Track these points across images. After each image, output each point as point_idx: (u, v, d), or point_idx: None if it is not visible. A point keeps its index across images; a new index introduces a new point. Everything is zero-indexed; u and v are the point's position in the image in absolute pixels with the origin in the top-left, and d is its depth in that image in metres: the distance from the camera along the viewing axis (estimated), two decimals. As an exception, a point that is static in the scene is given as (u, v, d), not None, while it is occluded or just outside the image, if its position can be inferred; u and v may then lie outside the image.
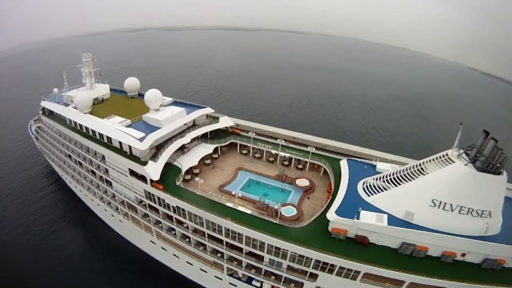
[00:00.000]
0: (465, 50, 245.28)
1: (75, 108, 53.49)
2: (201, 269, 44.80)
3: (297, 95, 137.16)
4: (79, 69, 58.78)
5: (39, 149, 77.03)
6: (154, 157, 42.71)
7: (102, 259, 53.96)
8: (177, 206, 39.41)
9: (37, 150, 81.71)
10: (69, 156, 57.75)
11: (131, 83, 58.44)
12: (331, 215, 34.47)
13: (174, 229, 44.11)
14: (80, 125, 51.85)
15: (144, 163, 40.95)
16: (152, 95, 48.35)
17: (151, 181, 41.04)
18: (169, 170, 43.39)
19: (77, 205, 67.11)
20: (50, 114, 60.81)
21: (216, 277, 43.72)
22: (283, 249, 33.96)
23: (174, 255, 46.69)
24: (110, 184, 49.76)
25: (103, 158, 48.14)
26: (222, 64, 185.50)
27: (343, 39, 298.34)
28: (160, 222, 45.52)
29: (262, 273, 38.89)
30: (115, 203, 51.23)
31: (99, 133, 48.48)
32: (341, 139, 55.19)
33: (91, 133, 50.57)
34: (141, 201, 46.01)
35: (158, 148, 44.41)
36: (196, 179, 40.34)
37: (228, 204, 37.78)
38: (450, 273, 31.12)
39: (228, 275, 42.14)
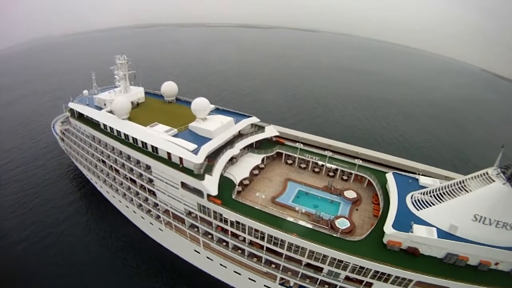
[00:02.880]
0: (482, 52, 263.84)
1: (110, 112, 57.95)
2: (249, 278, 53.03)
3: (322, 98, 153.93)
4: (94, 67, 63.24)
5: (64, 150, 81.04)
6: (208, 170, 49.50)
7: (140, 266, 62.29)
8: (236, 221, 46.64)
9: (60, 150, 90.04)
10: (103, 161, 62.50)
11: (169, 88, 64.14)
12: (388, 229, 43.61)
13: (226, 241, 51.36)
14: (118, 131, 56.57)
15: (201, 177, 47.73)
16: (201, 104, 54.78)
17: (208, 195, 47.51)
18: (222, 182, 50.02)
19: (108, 210, 75.65)
20: (80, 116, 64.39)
21: (265, 286, 52.18)
22: (345, 261, 42.81)
23: (221, 264, 54.47)
24: (153, 193, 55.90)
25: (148, 168, 53.94)
26: (238, 64, 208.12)
27: (360, 38, 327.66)
28: (210, 234, 52.72)
29: (318, 282, 47.52)
30: (157, 212, 57.58)
31: (142, 142, 53.85)
32: (372, 146, 64.86)
33: (131, 140, 55.81)
34: (190, 213, 52.85)
35: (209, 159, 50.98)
36: (257, 193, 48.08)
37: (289, 218, 45.68)
38: (486, 281, 40.84)
39: (279, 284, 50.69)
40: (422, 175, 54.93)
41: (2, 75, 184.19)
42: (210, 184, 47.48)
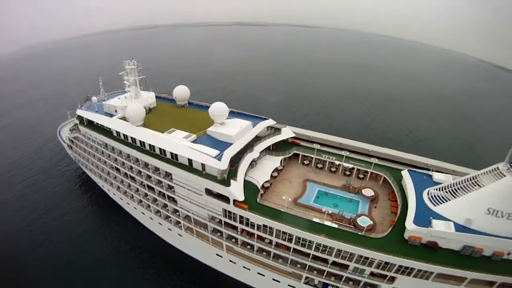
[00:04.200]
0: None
1: (122, 119, 60.26)
2: (273, 279, 57.35)
3: (329, 95, 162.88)
4: (96, 71, 65.84)
5: (73, 158, 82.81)
6: (232, 175, 53.16)
7: (161, 271, 66.20)
8: (263, 225, 50.53)
9: (68, 157, 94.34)
10: (116, 169, 64.83)
11: (181, 92, 66.63)
12: (410, 224, 48.61)
13: (251, 244, 55.25)
14: (133, 139, 59.10)
15: (227, 183, 51.41)
16: (219, 109, 58.24)
17: (234, 200, 51.11)
18: (245, 186, 53.98)
19: (122, 217, 79.57)
20: (89, 123, 66.19)
21: (290, 285, 56.66)
22: (371, 258, 47.61)
23: (244, 267, 58.50)
24: (173, 200, 59.08)
25: (168, 175, 56.92)
26: (241, 63, 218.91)
27: (359, 33, 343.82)
28: (234, 238, 56.43)
29: (342, 279, 52.23)
30: (176, 218, 60.89)
31: (160, 149, 56.65)
32: (383, 143, 70.08)
33: (147, 147, 58.40)
34: (213, 218, 56.38)
35: (231, 164, 54.43)
36: (284, 197, 52.16)
37: (315, 219, 49.95)
38: (500, 270, 46.15)
39: (304, 283, 55.22)
40: (435, 171, 60.02)
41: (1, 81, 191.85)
42: (236, 190, 51.03)
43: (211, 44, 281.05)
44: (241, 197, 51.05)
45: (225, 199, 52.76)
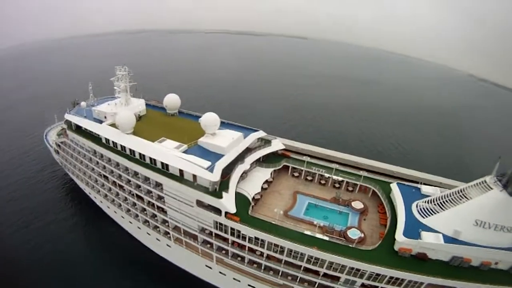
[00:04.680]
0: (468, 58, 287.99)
1: (111, 125, 60.76)
2: None
3: (320, 108, 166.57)
4: (85, 73, 66.86)
5: (59, 163, 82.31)
6: (223, 187, 53.91)
7: (147, 281, 66.59)
8: (255, 237, 51.34)
9: (54, 162, 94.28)
10: (104, 176, 64.81)
11: (172, 100, 67.66)
12: (400, 237, 50.21)
13: (241, 256, 55.83)
14: (123, 147, 59.52)
15: (219, 195, 52.21)
16: (211, 119, 59.40)
17: (226, 212, 51.89)
18: (236, 198, 54.80)
19: (108, 225, 79.60)
20: (78, 129, 66.28)
21: (280, 297, 57.20)
22: (362, 270, 48.85)
23: (234, 279, 58.91)
24: (163, 210, 59.38)
25: (158, 185, 57.36)
26: (232, 73, 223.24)
27: (352, 46, 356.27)
28: (224, 249, 56.94)
29: (333, 291, 53.22)
30: (165, 229, 61.14)
31: (151, 158, 57.23)
32: (371, 155, 72.44)
33: (137, 156, 58.84)
34: (203, 229, 56.87)
35: (222, 176, 55.18)
36: (275, 210, 53.22)
37: (306, 232, 51.18)
38: (488, 279, 47.96)
39: (295, 295, 55.99)
40: (423, 183, 62.16)
41: None
42: (228, 202, 51.95)
43: (203, 52, 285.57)
44: (233, 209, 51.83)
45: (217, 211, 53.42)
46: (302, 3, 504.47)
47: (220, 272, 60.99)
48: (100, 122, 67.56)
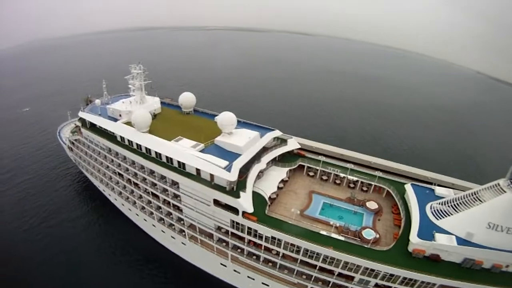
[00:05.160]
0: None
1: (127, 124, 63.42)
2: None
3: (328, 104, 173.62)
4: (96, 71, 69.77)
5: (73, 160, 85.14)
6: (241, 186, 56.60)
7: (160, 279, 70.13)
8: (272, 237, 54.19)
9: (67, 158, 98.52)
10: (119, 174, 67.45)
11: (187, 99, 69.92)
12: (414, 238, 53.11)
13: (257, 255, 58.82)
14: (139, 145, 62.09)
15: (237, 195, 54.84)
16: (228, 119, 61.92)
17: (243, 212, 54.62)
18: (253, 198, 57.43)
19: (122, 222, 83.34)
20: (92, 126, 68.64)
21: (294, 295, 60.50)
22: (376, 270, 51.88)
23: (249, 277, 62.05)
24: (178, 208, 62.21)
25: (174, 183, 60.06)
26: (240, 69, 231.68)
27: (358, 43, 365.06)
28: (239, 248, 59.92)
29: (347, 290, 56.38)
30: (180, 227, 64.03)
31: (167, 157, 59.77)
32: (383, 155, 75.42)
33: (153, 155, 61.38)
34: (219, 228, 59.76)
35: (239, 175, 57.78)
36: (292, 209, 55.99)
37: (322, 232, 54.05)
38: (499, 282, 50.60)
39: (309, 293, 59.26)
40: (437, 185, 64.92)
41: (3, 76, 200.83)
42: (246, 202, 54.65)
43: (208, 49, 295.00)
44: (250, 209, 54.52)
45: (234, 210, 56.12)
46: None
47: (235, 270, 64.14)
48: (115, 120, 69.90)
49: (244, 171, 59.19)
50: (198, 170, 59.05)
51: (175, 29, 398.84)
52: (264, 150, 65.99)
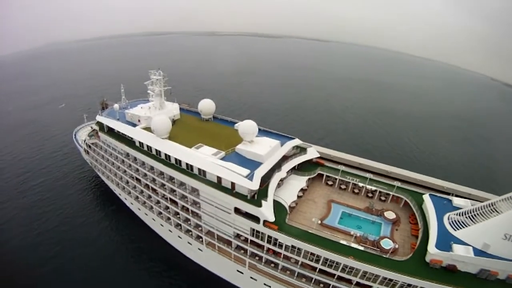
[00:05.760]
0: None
1: (146, 129, 66.82)
2: None
3: (343, 112, 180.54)
4: (108, 74, 74.50)
5: (89, 163, 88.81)
6: (262, 195, 60.16)
7: (175, 284, 73.73)
8: (292, 245, 57.89)
9: (82, 161, 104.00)
10: (137, 179, 70.99)
11: (207, 106, 73.49)
12: (432, 248, 56.98)
13: (275, 263, 62.55)
14: (158, 151, 65.62)
15: (259, 204, 58.39)
16: (250, 127, 65.81)
17: (264, 221, 58.33)
18: (274, 206, 60.92)
19: (139, 226, 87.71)
20: (109, 131, 72.14)
21: (311, 303, 64.40)
22: (394, 280, 55.74)
23: (265, 284, 65.94)
24: (197, 215, 65.86)
25: (194, 190, 63.79)
26: (254, 75, 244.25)
27: (371, 48, 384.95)
28: (257, 255, 63.65)
29: (366, 300, 60.18)
30: (198, 233, 67.85)
31: (187, 164, 63.40)
32: (403, 163, 79.11)
33: (173, 161, 65.02)
34: (238, 235, 63.49)
35: (260, 183, 61.37)
36: (313, 219, 59.68)
37: (342, 241, 57.76)
38: None
39: (326, 302, 63.11)
40: (454, 195, 68.85)
41: (15, 79, 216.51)
42: (268, 211, 58.35)
43: (225, 55, 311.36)
44: (272, 218, 58.22)
45: (255, 218, 59.84)
46: (319, 5, 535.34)
47: (251, 277, 67.97)
48: (134, 125, 73.26)
49: (265, 179, 62.70)
50: (219, 178, 62.63)
51: (188, 34, 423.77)
52: (284, 158, 69.58)
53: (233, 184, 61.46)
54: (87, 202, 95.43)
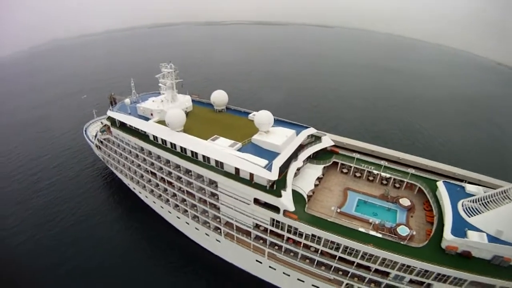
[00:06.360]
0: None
1: (159, 123, 69.93)
2: (312, 285, 69.81)
3: (355, 99, 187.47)
4: (116, 69, 78.05)
5: (101, 158, 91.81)
6: (280, 185, 63.99)
7: (193, 276, 78.98)
8: (312, 234, 62.19)
9: (94, 156, 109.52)
10: (152, 173, 74.14)
11: (220, 97, 76.55)
12: (448, 235, 61.66)
13: (294, 252, 67.06)
14: (173, 144, 68.84)
15: (278, 194, 62.34)
16: (266, 118, 69.29)
17: (284, 211, 62.36)
18: (293, 196, 64.82)
19: (154, 219, 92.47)
20: (122, 125, 74.76)
21: (328, 291, 69.32)
22: (412, 266, 60.47)
23: (284, 273, 70.51)
24: (215, 206, 69.62)
25: (212, 182, 67.38)
26: (262, 64, 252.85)
27: (378, 34, 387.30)
28: (276, 245, 67.89)
29: (382, 286, 65.02)
30: (216, 224, 71.74)
31: (204, 156, 66.78)
32: (415, 150, 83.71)
33: (189, 154, 68.33)
34: (257, 226, 67.57)
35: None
36: (332, 207, 63.97)
37: (360, 229, 62.20)
38: None
39: (343, 289, 68.09)
40: (467, 182, 73.50)
41: (23, 76, 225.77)
42: (288, 201, 62.34)
43: (232, 44, 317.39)
44: (292, 208, 62.25)
45: (274, 208, 63.84)
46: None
47: (270, 267, 72.55)
48: (146, 119, 75.94)
49: (282, 169, 66.40)
50: (237, 169, 66.18)
51: (190, 25, 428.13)
52: (300, 147, 73.22)
53: (251, 175, 65.05)
54: (102, 198, 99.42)
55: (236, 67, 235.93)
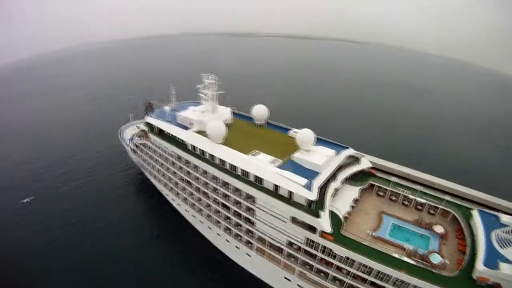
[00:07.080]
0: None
1: (199, 133, 75.11)
2: None
3: (387, 118, 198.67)
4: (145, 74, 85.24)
5: (136, 163, 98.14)
6: (319, 205, 69.02)
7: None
8: (346, 257, 67.42)
9: (128, 159, 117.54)
10: (187, 181, 79.79)
11: (260, 111, 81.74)
12: (480, 266, 66.55)
13: (325, 272, 72.28)
14: (212, 156, 74.13)
15: (317, 214, 67.64)
16: (308, 136, 75.32)
17: (321, 231, 67.75)
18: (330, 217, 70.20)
19: (185, 228, 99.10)
20: (160, 132, 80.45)
21: (357, 313, 74.67)
22: None
23: None
24: (249, 221, 75.15)
25: (249, 197, 72.87)
26: (298, 78, 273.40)
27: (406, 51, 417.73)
28: (308, 264, 73.29)
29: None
30: (248, 239, 77.25)
31: (243, 171, 72.17)
32: (449, 176, 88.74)
33: (228, 167, 73.73)
34: (291, 243, 73.04)
35: None
36: (368, 231, 69.13)
37: (394, 254, 67.33)
38: None
39: (373, 313, 73.31)
40: (502, 212, 78.28)
41: (48, 78, 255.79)
42: (325, 222, 67.71)
43: (266, 56, 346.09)
44: (328, 229, 67.75)
45: (311, 228, 69.41)
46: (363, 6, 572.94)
47: (299, 285, 77.90)
48: (185, 128, 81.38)
49: (321, 189, 71.55)
50: (276, 186, 71.54)
51: (226, 36, 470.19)
52: (339, 168, 78.24)
53: (290, 193, 70.45)
54: (132, 200, 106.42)
55: (274, 80, 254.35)
